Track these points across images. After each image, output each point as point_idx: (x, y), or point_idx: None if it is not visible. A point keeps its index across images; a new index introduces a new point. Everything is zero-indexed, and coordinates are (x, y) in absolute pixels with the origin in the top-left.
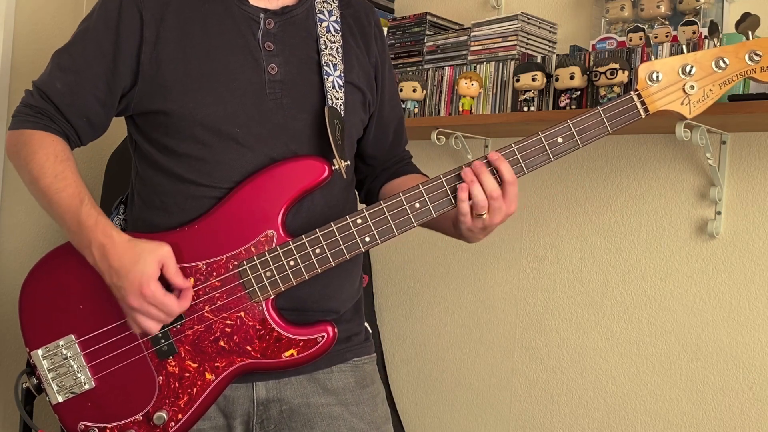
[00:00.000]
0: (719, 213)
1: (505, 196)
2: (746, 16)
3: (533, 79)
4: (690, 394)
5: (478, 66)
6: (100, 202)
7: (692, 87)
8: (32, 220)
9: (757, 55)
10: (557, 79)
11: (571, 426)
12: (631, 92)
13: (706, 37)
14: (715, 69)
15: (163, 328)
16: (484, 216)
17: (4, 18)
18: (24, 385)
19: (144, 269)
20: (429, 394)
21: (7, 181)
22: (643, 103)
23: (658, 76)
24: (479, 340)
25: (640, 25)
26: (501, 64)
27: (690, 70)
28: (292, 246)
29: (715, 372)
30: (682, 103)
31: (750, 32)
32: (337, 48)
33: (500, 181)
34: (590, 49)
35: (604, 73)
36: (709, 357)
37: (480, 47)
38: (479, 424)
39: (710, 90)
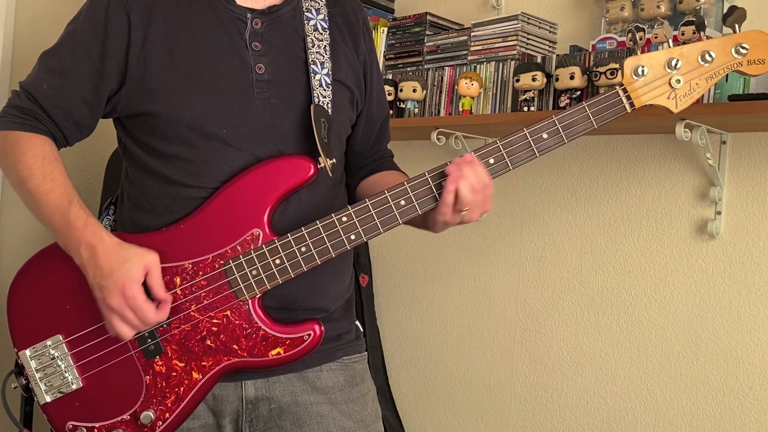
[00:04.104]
0: (719, 213)
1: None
2: (733, 9)
3: (533, 79)
4: (690, 394)
5: (478, 66)
6: (100, 202)
7: (678, 81)
8: (32, 220)
9: (743, 48)
10: (557, 79)
11: (571, 426)
12: (617, 87)
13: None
14: (701, 62)
15: (137, 334)
16: (464, 212)
17: (4, 18)
18: (13, 386)
19: (129, 271)
20: (429, 394)
21: (6, 181)
22: (628, 97)
23: (643, 71)
24: (479, 340)
25: (641, 26)
26: (501, 64)
27: (676, 64)
28: (277, 245)
29: (715, 372)
30: (668, 98)
31: (737, 25)
32: (325, 46)
33: None
34: (590, 49)
35: (604, 73)
36: (709, 357)
37: (480, 47)
38: (479, 424)
39: (696, 84)
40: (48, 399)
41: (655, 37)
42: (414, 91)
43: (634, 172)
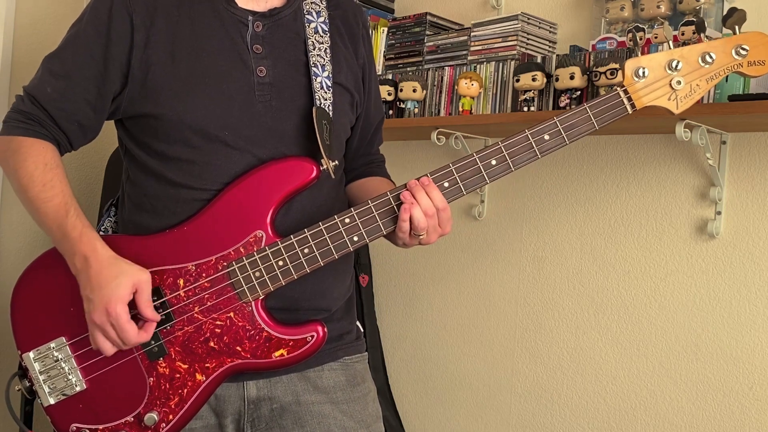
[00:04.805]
0: (719, 213)
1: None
2: (733, 11)
3: (533, 79)
4: (690, 394)
5: (478, 66)
6: (100, 202)
7: (679, 82)
8: (32, 220)
9: (743, 49)
10: (557, 79)
11: (571, 426)
12: (618, 88)
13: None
14: (702, 64)
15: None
16: (421, 236)
17: (4, 18)
18: (17, 389)
19: (116, 289)
20: (429, 394)
21: (7, 181)
22: (629, 99)
23: (644, 72)
24: (479, 340)
25: (641, 26)
26: (501, 64)
27: (676, 66)
28: (280, 246)
29: (715, 372)
30: (669, 99)
31: (737, 27)
32: (326, 49)
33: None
34: (590, 49)
35: (604, 73)
36: (709, 357)
37: (480, 47)
38: (479, 424)
39: (697, 85)
40: (52, 401)
41: (655, 37)
42: (414, 91)
43: (634, 172)
